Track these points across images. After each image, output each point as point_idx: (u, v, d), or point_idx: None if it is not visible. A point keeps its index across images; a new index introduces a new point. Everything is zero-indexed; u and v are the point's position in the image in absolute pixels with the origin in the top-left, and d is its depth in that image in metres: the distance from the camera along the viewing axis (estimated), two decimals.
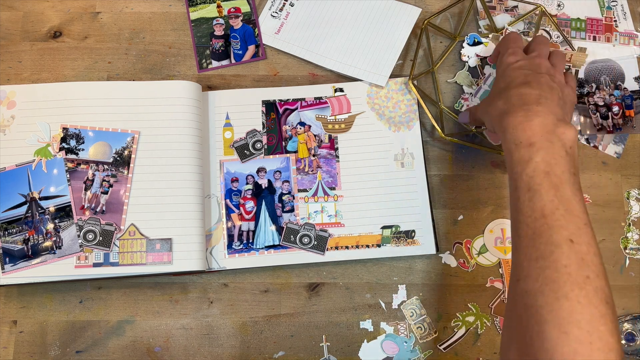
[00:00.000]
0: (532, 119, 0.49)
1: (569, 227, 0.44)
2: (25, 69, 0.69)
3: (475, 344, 0.63)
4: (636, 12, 0.72)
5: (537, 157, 0.47)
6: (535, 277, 0.44)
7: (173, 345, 0.63)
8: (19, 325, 0.63)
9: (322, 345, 0.63)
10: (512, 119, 0.50)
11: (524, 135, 0.48)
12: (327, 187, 0.66)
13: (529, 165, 0.47)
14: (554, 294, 0.42)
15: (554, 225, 0.45)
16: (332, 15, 0.71)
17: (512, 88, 0.53)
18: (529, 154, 0.47)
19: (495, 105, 0.53)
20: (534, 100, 0.50)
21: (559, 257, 0.43)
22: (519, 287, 0.45)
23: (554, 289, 0.42)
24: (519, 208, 0.47)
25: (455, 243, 0.65)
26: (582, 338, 0.40)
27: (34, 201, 0.62)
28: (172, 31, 0.71)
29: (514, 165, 0.48)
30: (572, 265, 0.43)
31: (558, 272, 0.43)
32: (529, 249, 0.45)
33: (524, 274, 0.45)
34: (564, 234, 0.44)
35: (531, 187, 0.46)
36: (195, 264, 0.61)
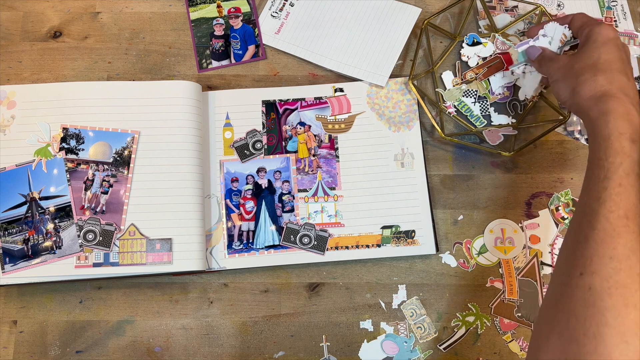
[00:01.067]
0: (635, 114, 0.47)
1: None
2: (25, 69, 0.69)
3: (475, 344, 0.63)
4: (636, 12, 0.72)
5: (635, 156, 0.46)
6: (606, 277, 0.42)
7: (173, 345, 0.63)
8: (19, 325, 0.63)
9: (322, 345, 0.63)
10: (619, 106, 0.48)
11: (630, 128, 0.47)
12: (327, 187, 0.66)
13: (627, 160, 0.45)
14: (624, 300, 0.41)
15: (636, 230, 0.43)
16: (332, 15, 0.71)
17: (614, 70, 0.51)
18: (630, 149, 0.46)
19: (595, 78, 0.51)
20: (634, 94, 0.49)
21: (635, 265, 0.42)
22: (583, 281, 0.42)
23: (625, 294, 0.41)
24: (602, 199, 0.45)
25: (455, 243, 0.65)
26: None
27: (34, 201, 0.62)
28: (172, 31, 0.71)
29: (610, 154, 0.46)
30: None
31: (632, 278, 0.41)
32: (604, 246, 0.43)
33: (591, 269, 0.43)
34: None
35: (623, 183, 0.45)
36: (195, 264, 0.61)
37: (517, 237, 0.65)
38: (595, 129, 0.48)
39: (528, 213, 0.66)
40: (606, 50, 0.52)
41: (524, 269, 0.64)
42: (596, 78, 0.51)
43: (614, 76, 0.50)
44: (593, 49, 0.53)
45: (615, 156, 0.46)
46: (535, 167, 0.67)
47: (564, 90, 0.54)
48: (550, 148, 0.68)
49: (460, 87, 0.68)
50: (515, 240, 0.65)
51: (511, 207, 0.66)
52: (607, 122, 0.47)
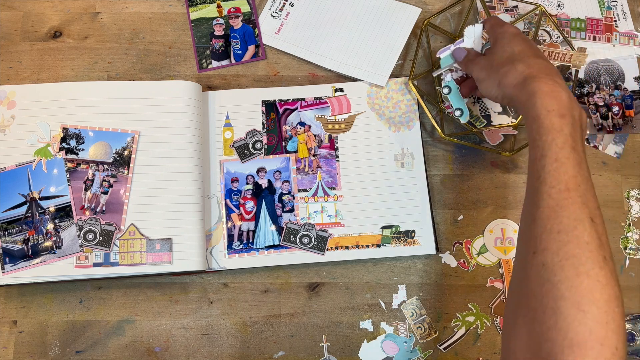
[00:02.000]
0: (560, 90, 0.48)
1: (590, 206, 0.44)
2: (25, 69, 0.69)
3: (475, 344, 0.63)
4: (636, 12, 0.72)
5: (566, 130, 0.46)
6: (556, 251, 0.42)
7: (173, 345, 0.63)
8: (19, 325, 0.63)
9: (322, 345, 0.63)
10: (543, 85, 0.49)
11: (556, 104, 0.47)
12: (327, 187, 0.66)
13: (559, 135, 0.46)
14: (575, 270, 0.41)
15: (578, 200, 0.44)
16: (332, 15, 0.71)
17: (530, 56, 0.53)
18: (559, 124, 0.47)
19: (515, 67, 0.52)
20: (556, 73, 0.51)
21: (582, 234, 0.42)
22: (536, 260, 0.43)
23: (575, 264, 0.41)
24: (542, 177, 0.46)
25: (455, 243, 0.65)
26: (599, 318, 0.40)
27: (34, 201, 0.62)
28: (172, 31, 0.71)
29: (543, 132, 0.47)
30: (593, 243, 0.42)
31: (580, 248, 0.42)
32: (550, 221, 0.44)
33: (542, 247, 0.43)
34: (585, 211, 0.43)
35: (559, 158, 0.46)
36: (195, 264, 0.61)
37: (517, 237, 0.65)
38: (526, 111, 0.50)
39: None
40: (516, 42, 0.55)
41: None
42: (515, 66, 0.52)
43: (531, 61, 0.52)
44: (505, 44, 0.56)
45: (547, 134, 0.47)
46: None
47: (491, 86, 0.56)
48: None
49: None
50: (515, 240, 0.65)
51: (511, 207, 0.66)
52: (534, 102, 0.49)
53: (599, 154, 0.68)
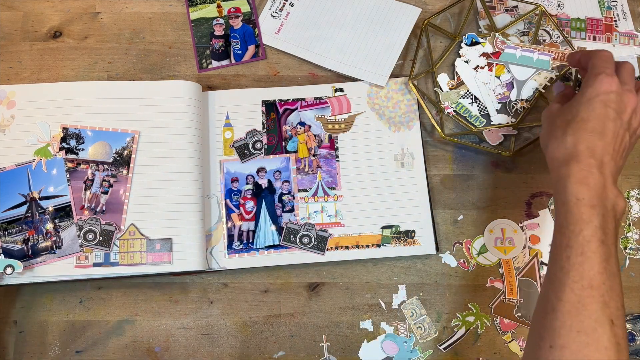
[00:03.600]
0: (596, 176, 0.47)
1: (611, 306, 0.44)
2: (25, 69, 0.69)
3: (475, 344, 0.63)
4: (636, 12, 0.72)
5: (596, 222, 0.45)
6: (575, 351, 0.42)
7: (173, 345, 0.63)
8: (19, 325, 0.63)
9: (322, 345, 0.63)
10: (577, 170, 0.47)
11: (587, 193, 0.46)
12: (327, 187, 0.66)
13: (588, 227, 0.45)
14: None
15: (600, 300, 0.43)
16: (332, 15, 0.71)
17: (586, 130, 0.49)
18: (589, 215, 0.45)
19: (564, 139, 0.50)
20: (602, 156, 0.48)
21: (601, 337, 0.42)
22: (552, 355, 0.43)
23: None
24: (566, 269, 0.45)
25: (455, 243, 0.65)
26: None
27: (33, 201, 0.62)
28: (172, 31, 0.71)
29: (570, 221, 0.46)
30: (611, 349, 0.42)
31: (599, 352, 0.42)
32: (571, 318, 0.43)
33: (560, 343, 0.43)
34: (607, 312, 0.43)
35: (585, 251, 0.45)
36: (195, 264, 0.61)
37: (517, 237, 0.65)
38: (557, 193, 0.49)
39: (528, 213, 0.66)
40: (587, 107, 0.51)
41: (524, 269, 0.64)
42: (565, 139, 0.50)
43: (583, 137, 0.49)
44: (577, 104, 0.52)
45: (575, 224, 0.46)
46: (535, 167, 0.67)
47: (543, 141, 0.54)
48: None
49: (458, 91, 0.68)
50: (515, 240, 0.65)
51: (511, 207, 0.66)
52: (565, 186, 0.47)
53: None
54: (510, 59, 0.68)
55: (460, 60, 0.69)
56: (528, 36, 0.70)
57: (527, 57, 0.68)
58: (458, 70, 0.69)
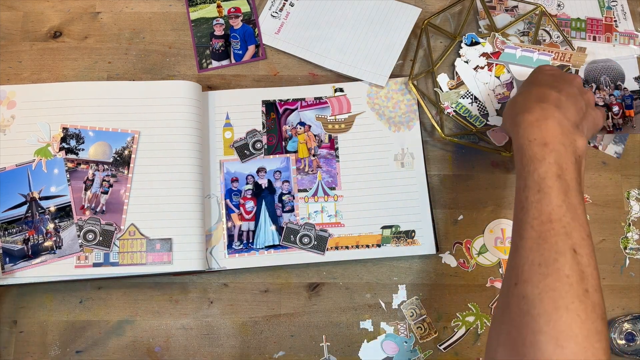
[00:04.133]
0: (547, 118, 0.48)
1: (574, 236, 0.44)
2: (25, 69, 0.69)
3: (475, 344, 0.63)
4: (636, 12, 0.72)
5: (550, 158, 0.46)
6: (536, 283, 0.42)
7: (173, 345, 0.63)
8: (19, 325, 0.63)
9: (322, 345, 0.63)
10: (528, 115, 0.49)
11: (539, 133, 0.47)
12: (327, 187, 0.66)
13: (542, 164, 0.46)
14: (554, 304, 0.41)
15: (560, 232, 0.44)
16: (332, 15, 0.71)
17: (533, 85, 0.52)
18: (542, 153, 0.46)
19: (515, 100, 0.52)
20: (553, 101, 0.50)
21: (562, 266, 0.42)
22: (517, 291, 0.43)
23: (554, 298, 0.41)
24: (525, 208, 0.46)
25: (455, 243, 0.65)
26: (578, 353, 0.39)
27: (34, 201, 0.62)
28: (172, 31, 0.71)
29: (525, 163, 0.47)
30: (573, 276, 0.42)
31: (560, 281, 0.42)
32: (532, 253, 0.44)
33: (523, 278, 0.43)
34: (568, 242, 0.43)
35: (542, 188, 0.45)
36: (195, 264, 0.61)
37: None
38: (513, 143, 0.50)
39: None
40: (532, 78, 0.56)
41: None
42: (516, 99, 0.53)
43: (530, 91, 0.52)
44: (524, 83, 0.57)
45: (529, 164, 0.47)
46: None
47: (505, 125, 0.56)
48: None
49: (458, 91, 0.68)
50: None
51: (511, 207, 0.66)
52: (517, 133, 0.49)
53: (599, 154, 0.68)
54: (511, 59, 0.68)
55: (460, 60, 0.69)
56: (528, 36, 0.70)
57: (527, 57, 0.68)
58: (458, 70, 0.69)
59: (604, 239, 0.66)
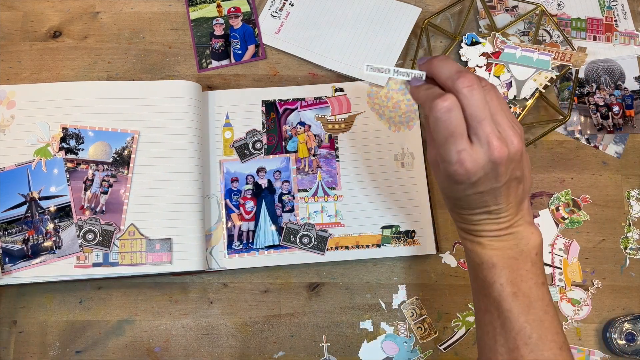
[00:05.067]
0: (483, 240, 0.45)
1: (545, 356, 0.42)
2: (25, 69, 0.69)
3: (475, 344, 0.63)
4: (636, 12, 0.72)
5: (502, 279, 0.43)
6: None
7: (173, 345, 0.63)
8: (19, 325, 0.63)
9: (322, 345, 0.63)
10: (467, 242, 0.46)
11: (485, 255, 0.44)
12: (327, 187, 0.66)
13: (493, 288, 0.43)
14: None
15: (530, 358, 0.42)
16: (332, 15, 0.71)
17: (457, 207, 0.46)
18: (491, 277, 0.43)
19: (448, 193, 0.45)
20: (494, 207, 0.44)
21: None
22: None
23: None
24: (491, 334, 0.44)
25: (455, 243, 0.65)
26: None
27: (33, 201, 0.62)
28: (172, 31, 0.71)
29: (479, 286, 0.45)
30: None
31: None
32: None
33: None
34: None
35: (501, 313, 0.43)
36: (195, 264, 0.61)
37: None
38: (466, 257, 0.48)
39: None
40: None
41: None
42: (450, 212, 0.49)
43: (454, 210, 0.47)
44: None
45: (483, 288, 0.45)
46: (535, 167, 0.67)
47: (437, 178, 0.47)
48: (550, 148, 0.68)
49: None
50: None
51: None
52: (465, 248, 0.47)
53: (599, 154, 0.68)
54: (510, 59, 0.68)
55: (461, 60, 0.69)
56: (528, 36, 0.70)
57: (527, 57, 0.68)
58: None
59: (604, 239, 0.66)
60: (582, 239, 0.65)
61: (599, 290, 0.64)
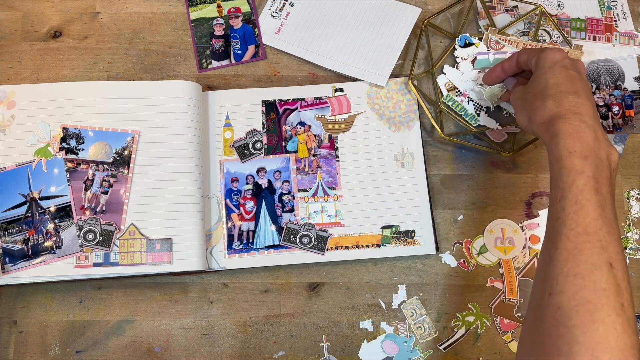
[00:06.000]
0: (586, 130, 0.48)
1: (610, 250, 0.44)
2: (25, 69, 0.69)
3: (475, 344, 0.63)
4: (636, 12, 0.72)
5: (589, 172, 0.46)
6: (572, 295, 0.42)
7: (173, 345, 0.63)
8: (19, 325, 0.63)
9: (322, 345, 0.63)
10: (567, 126, 0.48)
11: (579, 145, 0.47)
12: (327, 187, 0.66)
13: (580, 177, 0.46)
14: (590, 316, 0.41)
15: (597, 245, 0.44)
16: (332, 15, 0.71)
17: (563, 92, 0.51)
18: (581, 166, 0.46)
19: (544, 104, 0.51)
20: (587, 112, 0.49)
21: (599, 279, 0.42)
22: (552, 301, 0.43)
23: (591, 310, 0.41)
24: (562, 219, 0.46)
25: (455, 243, 0.65)
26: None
27: (34, 201, 0.62)
28: (172, 31, 0.71)
29: (564, 174, 0.47)
30: (610, 289, 0.42)
31: (596, 293, 0.42)
32: (568, 264, 0.44)
33: (558, 289, 0.43)
34: (604, 255, 0.43)
35: (579, 200, 0.45)
36: (195, 264, 0.61)
37: (517, 237, 0.65)
38: (550, 152, 0.50)
39: (528, 213, 0.66)
40: (553, 74, 0.53)
41: (524, 269, 0.64)
42: (545, 104, 0.51)
43: (562, 98, 0.51)
44: (540, 75, 0.54)
45: (568, 175, 0.47)
46: (535, 167, 0.67)
47: (523, 119, 0.56)
48: None
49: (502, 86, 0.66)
50: (515, 240, 0.65)
51: (511, 207, 0.66)
52: (557, 143, 0.49)
53: None
54: (485, 64, 0.67)
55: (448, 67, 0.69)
56: (528, 36, 0.70)
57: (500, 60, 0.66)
58: (448, 75, 0.68)
59: None
60: None
61: None
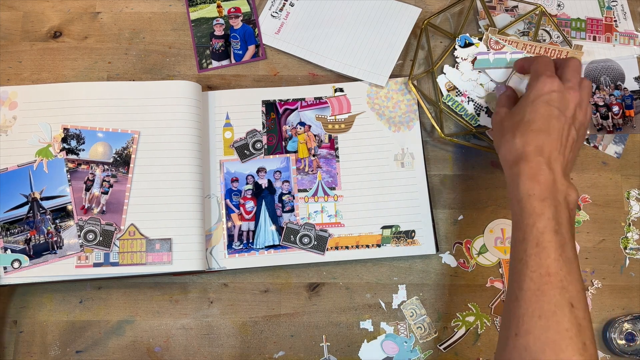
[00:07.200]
0: (546, 172, 0.49)
1: (570, 290, 0.45)
2: (25, 69, 0.69)
3: (475, 344, 0.63)
4: (636, 12, 0.72)
5: (548, 214, 0.48)
6: (537, 336, 0.44)
7: (173, 345, 0.63)
8: (19, 325, 0.63)
9: (322, 345, 0.63)
10: (528, 168, 0.50)
11: (538, 188, 0.49)
12: (327, 187, 0.66)
13: (540, 219, 0.48)
14: (556, 356, 0.43)
15: (557, 285, 0.45)
16: (332, 15, 0.71)
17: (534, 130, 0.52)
18: (541, 208, 0.48)
19: (514, 140, 0.52)
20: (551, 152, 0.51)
21: (561, 320, 0.44)
22: (519, 342, 0.45)
23: (556, 350, 0.43)
24: (524, 260, 0.47)
25: (455, 243, 0.65)
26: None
27: (35, 201, 0.62)
28: (172, 31, 0.71)
29: (525, 216, 0.49)
30: (572, 330, 0.44)
31: (560, 334, 0.44)
32: (531, 305, 0.45)
33: (524, 329, 0.45)
34: (566, 296, 0.45)
35: (540, 242, 0.47)
36: (195, 264, 0.61)
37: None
38: (511, 192, 0.51)
39: None
40: (532, 109, 0.53)
41: None
42: (514, 140, 0.53)
43: (531, 137, 0.52)
44: (522, 106, 0.55)
45: (528, 217, 0.48)
46: None
47: (496, 143, 0.57)
48: None
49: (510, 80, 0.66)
50: None
51: None
52: (517, 184, 0.50)
53: (599, 154, 0.68)
54: (485, 65, 0.67)
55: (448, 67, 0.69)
56: (528, 36, 0.70)
57: (500, 59, 0.67)
58: (448, 76, 0.68)
59: (604, 239, 0.66)
60: (581, 239, 0.66)
61: (598, 290, 0.64)
